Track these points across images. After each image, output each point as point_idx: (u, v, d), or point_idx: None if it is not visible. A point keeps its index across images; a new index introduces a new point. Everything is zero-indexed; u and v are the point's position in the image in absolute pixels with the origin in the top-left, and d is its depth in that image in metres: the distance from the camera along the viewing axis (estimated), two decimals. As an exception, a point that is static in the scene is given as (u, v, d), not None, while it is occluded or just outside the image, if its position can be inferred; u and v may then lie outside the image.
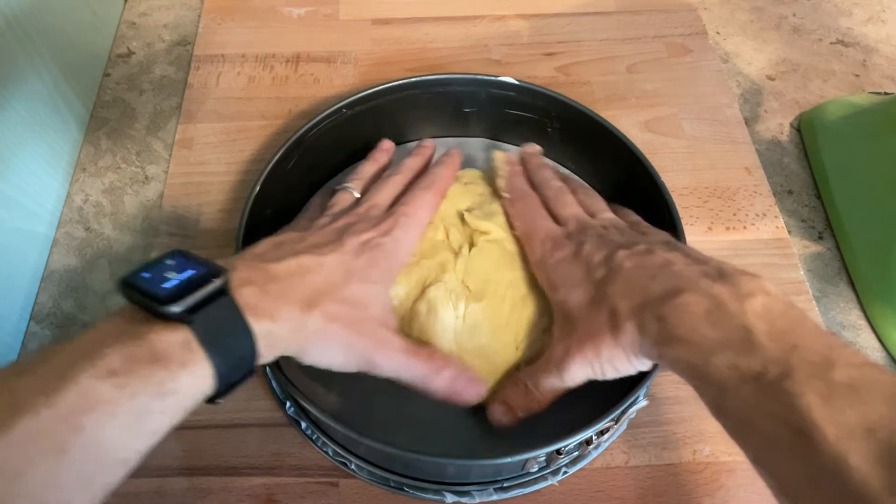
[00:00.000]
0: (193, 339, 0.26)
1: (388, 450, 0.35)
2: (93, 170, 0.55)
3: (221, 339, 0.27)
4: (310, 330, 0.32)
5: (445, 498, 0.40)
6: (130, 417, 0.24)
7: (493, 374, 0.40)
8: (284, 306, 0.30)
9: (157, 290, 0.27)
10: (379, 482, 0.41)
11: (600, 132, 0.48)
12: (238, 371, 0.28)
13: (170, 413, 0.26)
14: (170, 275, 0.28)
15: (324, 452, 0.42)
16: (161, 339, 0.26)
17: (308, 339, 0.32)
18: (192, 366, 0.26)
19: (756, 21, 0.67)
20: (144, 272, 0.28)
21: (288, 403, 0.42)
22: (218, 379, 0.27)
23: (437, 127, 0.54)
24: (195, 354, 0.26)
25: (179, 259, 0.29)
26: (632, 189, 0.48)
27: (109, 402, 0.24)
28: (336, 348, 0.33)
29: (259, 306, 0.29)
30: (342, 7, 0.65)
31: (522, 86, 0.50)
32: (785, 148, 0.59)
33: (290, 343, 0.31)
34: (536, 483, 0.41)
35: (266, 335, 0.29)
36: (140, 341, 0.25)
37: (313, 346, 0.32)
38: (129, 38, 0.64)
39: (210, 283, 0.27)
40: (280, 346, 0.31)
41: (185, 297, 0.26)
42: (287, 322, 0.30)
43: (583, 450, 0.39)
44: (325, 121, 0.48)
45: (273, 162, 0.45)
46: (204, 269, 0.28)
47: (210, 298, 0.27)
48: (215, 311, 0.27)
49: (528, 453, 0.35)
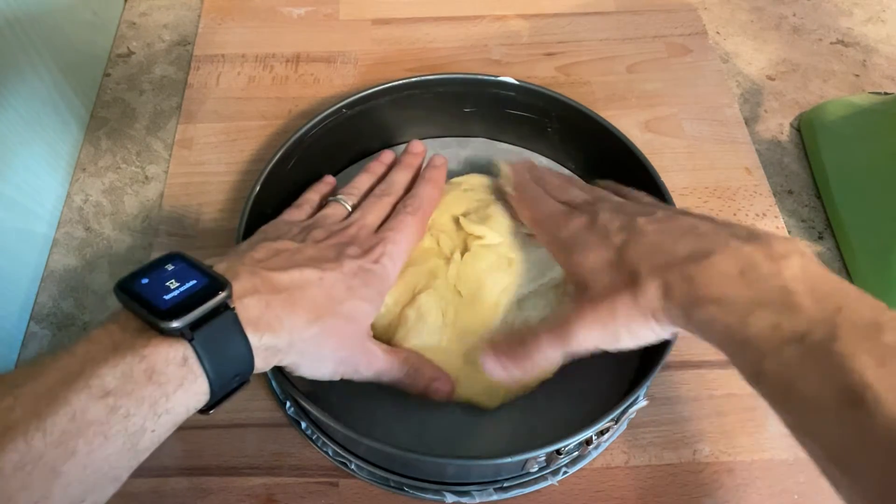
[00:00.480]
0: (192, 356, 0.26)
1: (388, 450, 0.35)
2: (93, 170, 0.55)
3: (220, 355, 0.27)
4: (308, 342, 0.32)
5: (445, 498, 0.40)
6: (123, 438, 0.24)
7: (484, 380, 0.40)
8: (286, 319, 0.30)
9: (157, 301, 0.26)
10: (379, 482, 0.41)
11: (600, 132, 0.48)
12: (232, 384, 0.28)
13: (162, 431, 0.26)
14: (171, 284, 0.27)
15: (324, 452, 0.42)
16: (158, 355, 0.25)
17: (305, 351, 0.32)
18: (188, 384, 0.26)
19: (756, 21, 0.67)
20: (143, 277, 0.27)
21: (288, 403, 0.42)
22: (211, 394, 0.27)
23: (438, 127, 0.54)
24: (192, 372, 0.26)
25: (180, 265, 0.28)
26: (631, 189, 0.48)
27: (103, 425, 0.23)
28: (329, 360, 0.34)
29: (261, 320, 0.29)
30: (342, 7, 0.65)
31: (522, 86, 0.50)
32: (785, 148, 0.59)
33: (287, 355, 0.31)
34: (536, 483, 0.41)
35: (264, 349, 0.29)
36: (136, 358, 0.25)
37: (309, 357, 0.32)
38: (129, 38, 0.64)
39: (213, 297, 0.27)
40: (276, 358, 0.31)
41: (187, 313, 0.26)
42: (287, 334, 0.30)
43: (583, 450, 0.39)
44: (325, 121, 0.48)
45: (273, 162, 0.45)
46: (206, 280, 0.28)
47: (212, 314, 0.27)
48: (216, 326, 0.27)
49: (528, 453, 0.35)
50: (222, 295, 0.27)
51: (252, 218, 0.43)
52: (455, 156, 0.54)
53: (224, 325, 0.27)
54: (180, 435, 0.41)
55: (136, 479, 0.40)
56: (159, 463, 0.41)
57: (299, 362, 0.32)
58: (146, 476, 0.40)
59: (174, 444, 0.42)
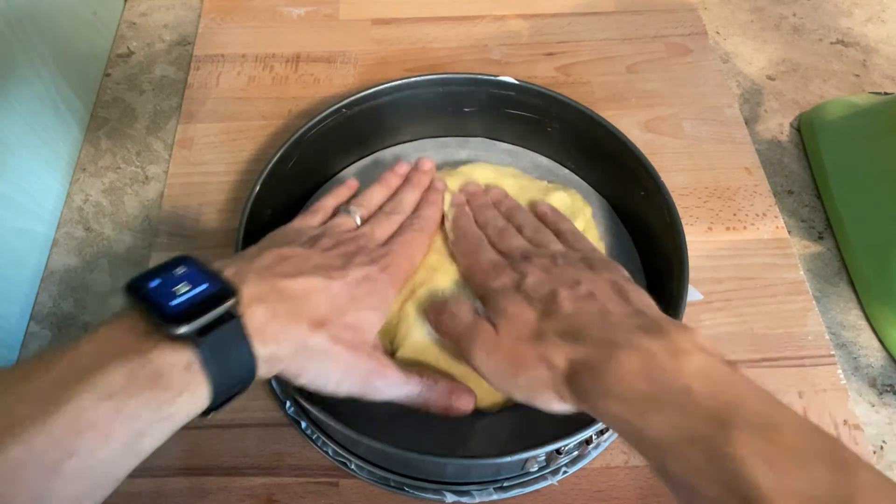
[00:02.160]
0: (196, 362, 0.26)
1: (388, 449, 0.35)
2: (93, 170, 0.55)
3: (224, 362, 0.27)
4: (313, 350, 0.32)
5: (445, 497, 0.40)
6: (124, 440, 0.24)
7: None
8: (292, 329, 0.31)
9: (165, 305, 0.26)
10: (379, 482, 0.41)
11: (600, 132, 0.48)
12: (233, 390, 0.28)
13: (163, 434, 0.26)
14: (179, 288, 0.27)
15: (324, 452, 0.42)
16: (164, 359, 0.25)
17: (309, 360, 0.32)
18: (192, 389, 0.26)
19: (756, 21, 0.67)
20: (153, 280, 0.28)
21: (288, 403, 0.42)
22: (213, 400, 0.27)
23: (437, 127, 0.54)
24: (196, 377, 0.26)
25: (190, 269, 0.29)
26: (631, 189, 0.48)
27: (105, 426, 0.24)
28: (335, 369, 0.33)
29: (266, 329, 0.29)
30: (342, 7, 0.65)
31: (522, 85, 0.50)
32: (785, 148, 0.59)
33: (291, 363, 0.31)
34: (536, 483, 0.41)
35: (269, 358, 0.29)
36: (142, 361, 0.25)
37: (313, 365, 0.32)
38: (129, 38, 0.64)
39: (220, 303, 0.27)
40: (280, 367, 0.31)
41: (194, 319, 0.26)
42: (292, 343, 0.31)
43: (582, 450, 0.39)
44: (325, 120, 0.48)
45: (273, 162, 0.45)
46: (215, 286, 0.28)
47: (219, 321, 0.27)
48: (222, 333, 0.27)
49: (527, 453, 0.35)
50: (230, 302, 0.28)
51: (252, 218, 0.43)
52: (454, 155, 0.54)
53: (230, 333, 0.27)
54: (180, 435, 0.41)
55: (136, 479, 0.40)
56: (159, 463, 0.41)
57: (302, 372, 0.32)
58: (146, 476, 0.41)
59: (174, 444, 0.41)
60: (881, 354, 0.48)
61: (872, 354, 0.48)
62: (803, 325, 0.47)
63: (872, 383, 0.47)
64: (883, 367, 0.48)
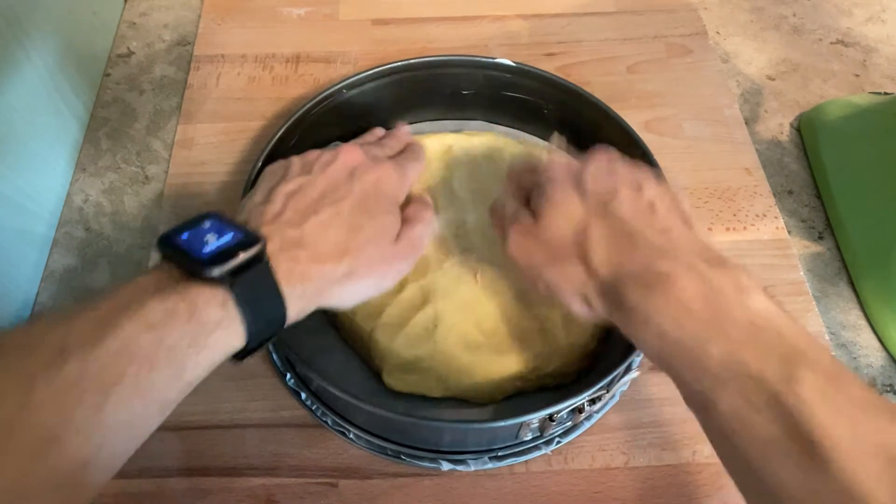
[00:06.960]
0: (230, 300, 0.27)
1: (386, 415, 0.36)
2: (93, 170, 0.55)
3: (256, 302, 0.28)
4: (342, 279, 0.33)
5: (441, 466, 0.40)
6: (167, 368, 0.26)
7: (482, 374, 0.41)
8: (315, 269, 0.31)
9: (197, 252, 0.28)
10: (377, 451, 0.41)
11: (596, 114, 0.49)
12: (266, 331, 0.29)
13: (202, 367, 0.27)
14: (209, 239, 0.29)
15: (322, 422, 0.42)
16: (200, 297, 0.27)
17: (338, 288, 0.33)
18: (226, 323, 0.27)
19: (756, 21, 0.67)
20: (182, 233, 0.29)
21: (288, 375, 0.43)
22: (248, 338, 0.28)
23: (435, 110, 0.55)
24: (231, 313, 0.27)
25: (215, 222, 0.30)
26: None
27: (149, 354, 0.25)
28: (368, 285, 0.34)
29: (292, 274, 0.30)
30: (342, 7, 0.65)
31: (519, 67, 0.51)
32: (785, 148, 0.59)
33: (321, 297, 0.32)
34: (530, 452, 0.41)
35: (297, 298, 0.30)
36: (179, 297, 0.26)
37: (347, 291, 0.33)
38: (129, 38, 0.64)
39: (248, 249, 0.28)
40: (311, 304, 0.32)
41: (225, 262, 0.27)
42: (318, 281, 0.32)
43: (575, 418, 0.40)
44: (326, 100, 0.48)
45: (274, 140, 0.46)
46: (241, 234, 0.29)
47: (248, 264, 0.28)
48: (252, 276, 0.28)
49: (521, 418, 0.36)
50: (258, 246, 0.29)
51: None
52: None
53: (260, 275, 0.29)
54: (180, 435, 0.42)
55: (137, 479, 0.40)
56: (159, 463, 0.41)
57: (337, 301, 0.33)
58: (146, 476, 0.40)
59: (174, 444, 0.42)
60: (881, 354, 0.48)
61: (872, 354, 0.48)
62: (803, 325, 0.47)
63: (872, 383, 0.47)
64: (883, 367, 0.48)
